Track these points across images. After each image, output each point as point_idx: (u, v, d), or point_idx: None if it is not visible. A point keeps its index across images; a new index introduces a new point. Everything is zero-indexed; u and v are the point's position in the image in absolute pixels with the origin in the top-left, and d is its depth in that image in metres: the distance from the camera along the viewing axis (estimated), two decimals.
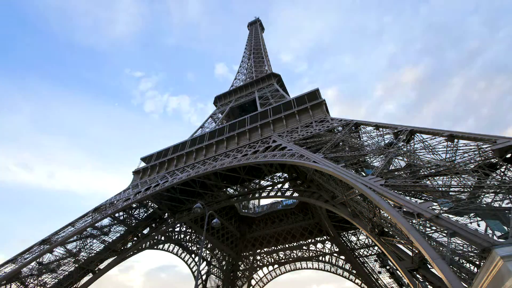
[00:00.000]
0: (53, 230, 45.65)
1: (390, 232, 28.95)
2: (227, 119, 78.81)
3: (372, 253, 66.22)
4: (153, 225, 56.47)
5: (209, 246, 75.16)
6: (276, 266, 79.97)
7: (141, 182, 55.40)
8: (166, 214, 57.40)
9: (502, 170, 18.59)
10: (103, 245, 47.82)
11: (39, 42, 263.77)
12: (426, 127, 26.79)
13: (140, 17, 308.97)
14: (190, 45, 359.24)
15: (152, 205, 55.97)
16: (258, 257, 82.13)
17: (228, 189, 58.84)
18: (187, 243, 69.75)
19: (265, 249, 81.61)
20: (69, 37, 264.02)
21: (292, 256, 78.18)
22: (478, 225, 16.17)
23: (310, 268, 76.19)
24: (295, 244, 78.80)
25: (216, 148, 52.38)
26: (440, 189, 19.53)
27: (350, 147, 32.15)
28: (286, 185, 52.18)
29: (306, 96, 49.93)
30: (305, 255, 76.20)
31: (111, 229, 49.20)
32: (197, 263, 34.85)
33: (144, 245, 54.16)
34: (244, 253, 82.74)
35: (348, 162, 28.26)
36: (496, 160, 18.81)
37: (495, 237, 14.56)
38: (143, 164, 61.29)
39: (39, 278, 39.58)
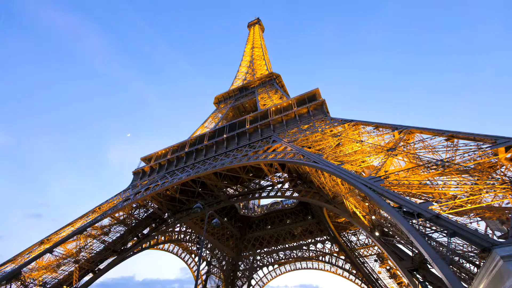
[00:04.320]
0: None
1: (390, 232, 28.98)
2: (227, 119, 78.76)
3: (372, 253, 66.20)
4: (153, 225, 56.41)
5: (209, 246, 75.16)
6: (276, 266, 79.95)
7: (141, 182, 55.35)
8: (166, 214, 57.36)
9: (502, 170, 18.58)
10: (103, 245, 47.77)
11: None
12: (426, 127, 26.76)
13: None
14: None
15: (152, 205, 55.93)
16: (258, 257, 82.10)
17: (228, 189, 58.79)
18: (187, 243, 69.72)
19: (265, 249, 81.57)
20: None
21: (292, 256, 78.13)
22: (478, 225, 16.18)
23: (310, 268, 76.20)
24: (295, 244, 78.76)
25: (216, 148, 52.33)
26: (440, 189, 19.50)
27: (350, 147, 32.11)
28: (286, 185, 52.18)
29: (306, 96, 49.90)
30: (305, 255, 76.16)
31: (111, 229, 49.15)
32: (197, 263, 34.83)
33: (144, 245, 54.12)
34: (244, 253, 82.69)
35: (348, 162, 28.22)
36: (496, 160, 18.80)
37: (495, 237, 14.56)
38: (143, 164, 61.26)
39: (39, 278, 39.55)
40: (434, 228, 16.31)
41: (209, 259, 75.86)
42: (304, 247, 77.00)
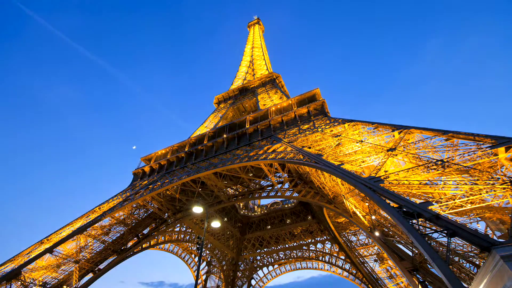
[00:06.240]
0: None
1: (390, 232, 28.99)
2: (227, 119, 78.74)
3: (372, 253, 66.20)
4: (153, 225, 56.43)
5: (209, 246, 75.15)
6: (276, 266, 79.95)
7: (141, 182, 55.35)
8: (166, 214, 57.37)
9: (502, 170, 18.58)
10: (103, 245, 47.77)
11: None
12: (426, 127, 26.76)
13: None
14: None
15: (152, 205, 55.93)
16: (258, 257, 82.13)
17: (228, 189, 58.78)
18: (187, 243, 69.72)
19: (265, 249, 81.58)
20: None
21: (292, 256, 78.13)
22: (478, 225, 16.18)
23: (310, 268, 76.19)
24: (295, 244, 78.77)
25: (216, 148, 52.32)
26: (440, 189, 19.50)
27: (350, 147, 32.11)
28: (286, 185, 52.19)
29: (306, 96, 49.91)
30: (305, 255, 76.15)
31: (111, 229, 49.16)
32: (197, 263, 34.84)
33: (144, 245, 54.14)
34: (244, 253, 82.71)
35: (348, 162, 28.22)
36: (496, 160, 18.80)
37: (495, 237, 14.56)
38: (143, 164, 61.27)
39: (39, 278, 39.55)
40: (434, 228, 16.29)
41: (209, 259, 75.90)
42: (304, 247, 76.99)
